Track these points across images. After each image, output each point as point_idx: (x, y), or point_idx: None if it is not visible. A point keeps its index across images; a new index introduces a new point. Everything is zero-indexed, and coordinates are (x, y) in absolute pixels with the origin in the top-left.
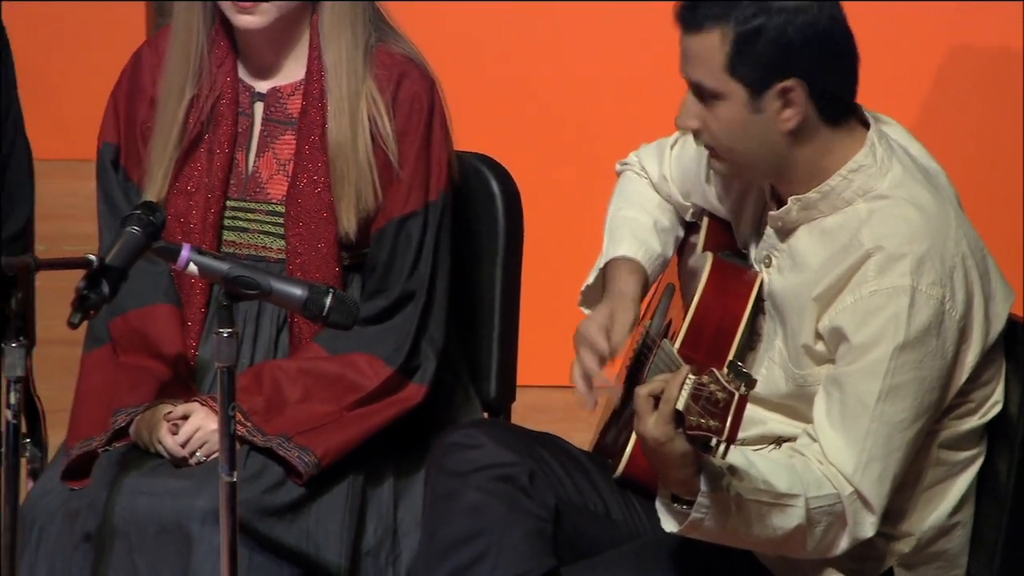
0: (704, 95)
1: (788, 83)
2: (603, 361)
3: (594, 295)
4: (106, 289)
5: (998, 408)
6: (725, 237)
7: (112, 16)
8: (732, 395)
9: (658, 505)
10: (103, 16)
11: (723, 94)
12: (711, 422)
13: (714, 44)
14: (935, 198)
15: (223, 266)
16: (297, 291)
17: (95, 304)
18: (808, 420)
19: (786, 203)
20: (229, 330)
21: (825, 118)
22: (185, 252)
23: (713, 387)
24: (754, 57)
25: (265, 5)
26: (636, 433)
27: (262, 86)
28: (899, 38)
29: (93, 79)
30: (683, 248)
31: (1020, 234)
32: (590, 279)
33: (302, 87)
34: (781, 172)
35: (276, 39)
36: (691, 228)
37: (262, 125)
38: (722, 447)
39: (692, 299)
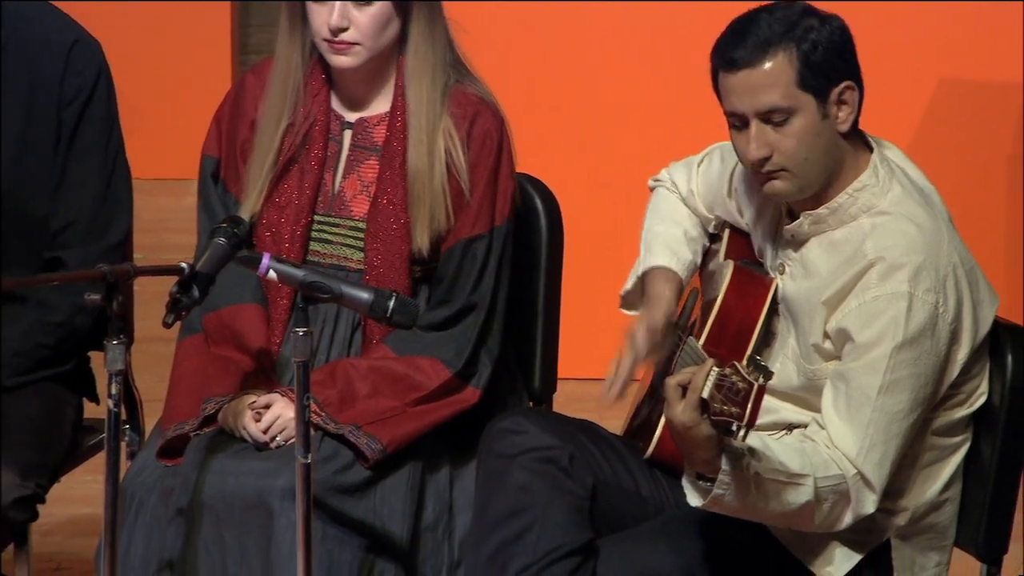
0: (775, 118)
1: (847, 83)
2: (637, 365)
3: (633, 298)
4: (196, 293)
5: (983, 399)
6: (743, 247)
7: (200, 56)
8: (752, 385)
9: (684, 482)
10: (193, 55)
11: (796, 108)
12: (733, 409)
13: (782, 67)
14: (929, 215)
15: (299, 273)
16: (364, 295)
17: (187, 306)
18: (816, 409)
19: (799, 218)
20: (305, 329)
21: (857, 118)
22: (265, 260)
23: (735, 378)
24: (819, 67)
25: (358, 48)
26: (665, 418)
27: (351, 116)
28: (894, 69)
29: (184, 109)
30: (705, 257)
31: (1003, 246)
32: (628, 285)
33: (387, 119)
34: (832, 175)
35: (366, 77)
36: (713, 238)
37: (349, 150)
38: (742, 431)
39: (715, 301)
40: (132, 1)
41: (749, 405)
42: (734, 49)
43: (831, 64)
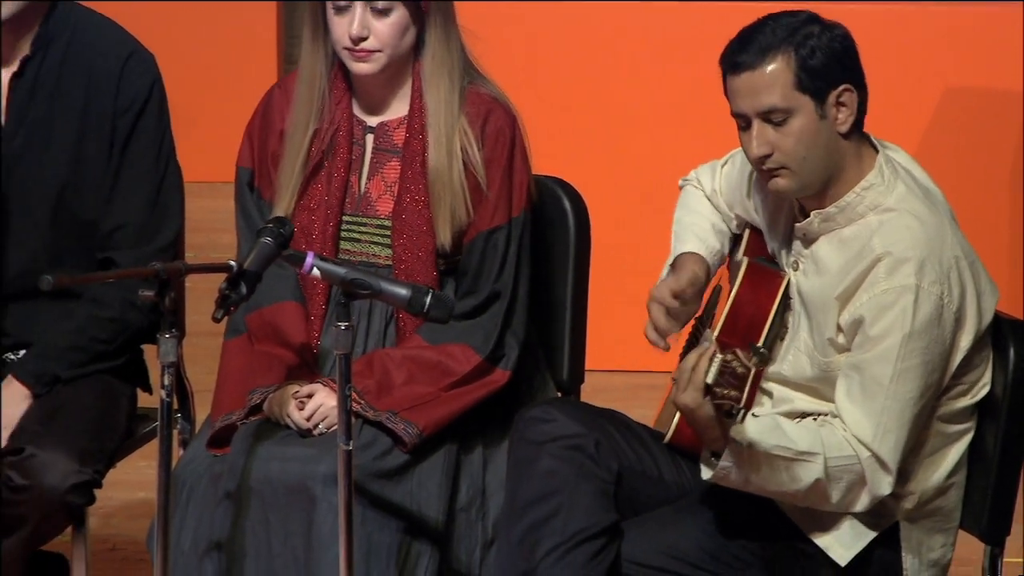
0: (775, 118)
1: (844, 86)
2: (670, 311)
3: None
4: (244, 289)
5: (987, 390)
6: (762, 245)
7: (248, 67)
8: (749, 370)
9: (701, 457)
10: (241, 66)
11: (795, 109)
12: (732, 392)
13: (781, 69)
14: (932, 211)
15: (341, 270)
16: (402, 291)
17: (235, 302)
18: (828, 399)
19: (810, 216)
20: (346, 323)
21: (860, 119)
22: (309, 259)
23: (735, 364)
24: (816, 70)
25: (378, 55)
26: (672, 401)
27: (372, 120)
28: (902, 78)
29: (232, 116)
30: (730, 254)
31: (1006, 246)
32: (663, 274)
33: (406, 122)
34: (834, 175)
35: (385, 82)
36: (735, 238)
37: (372, 153)
38: (741, 413)
39: (730, 296)
40: (184, 15)
41: (747, 389)
42: (738, 54)
43: (828, 68)
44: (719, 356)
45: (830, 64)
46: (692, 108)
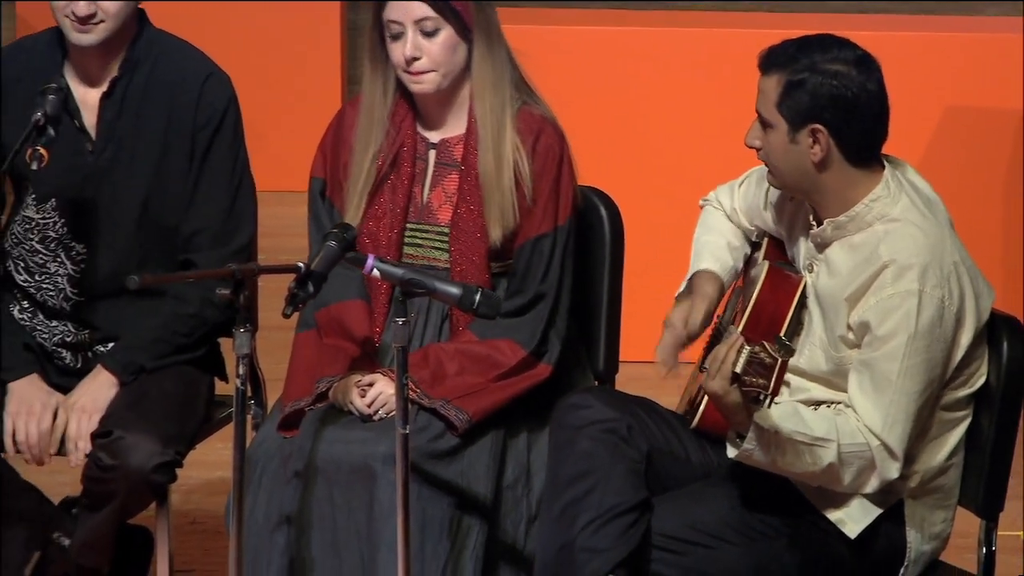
0: (763, 123)
1: (816, 126)
2: (679, 340)
3: (684, 299)
4: (311, 288)
5: (983, 380)
6: (779, 251)
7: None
8: (776, 360)
9: (727, 438)
10: (308, 87)
11: (773, 124)
12: (760, 380)
13: (773, 85)
14: (933, 222)
15: (399, 271)
16: (454, 290)
17: (303, 300)
18: (842, 389)
19: (823, 224)
20: (404, 319)
21: (847, 158)
22: (370, 261)
23: (763, 355)
24: (795, 101)
25: (433, 75)
26: (703, 388)
27: (434, 137)
28: (904, 99)
29: (300, 132)
30: (747, 263)
31: (999, 246)
32: (681, 288)
33: (464, 139)
34: (811, 193)
35: (442, 100)
36: (755, 246)
37: (434, 167)
38: (767, 400)
39: (752, 296)
40: (256, 41)
41: (774, 377)
42: (761, 54)
43: (808, 106)
44: (747, 347)
45: (809, 103)
46: (714, 126)
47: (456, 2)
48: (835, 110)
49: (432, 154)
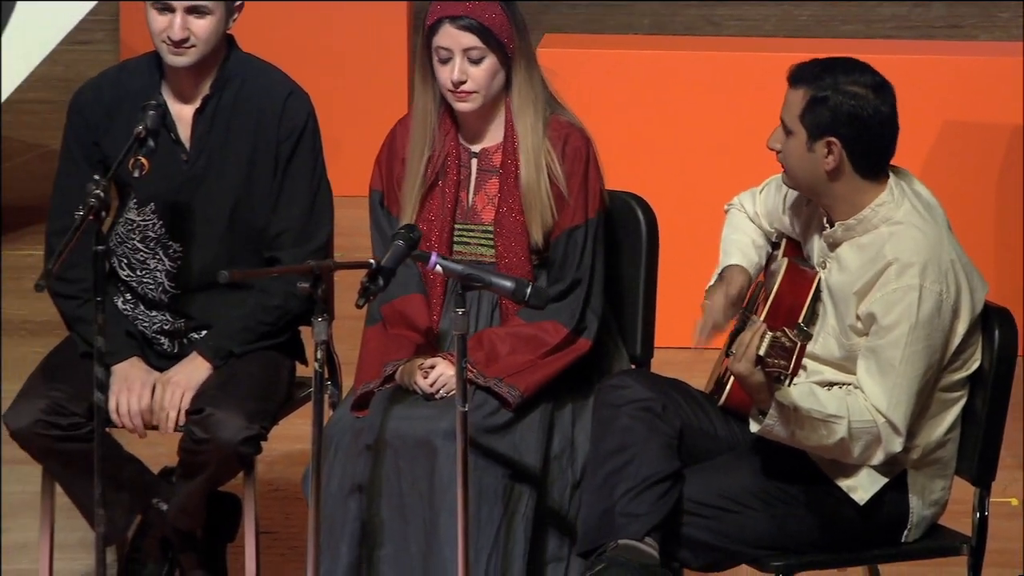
0: (785, 129)
1: (832, 139)
2: (719, 316)
3: (713, 292)
4: (381, 282)
5: (977, 363)
6: (796, 250)
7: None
8: (795, 344)
9: (751, 414)
10: (376, 102)
11: (793, 132)
12: (781, 362)
13: (798, 98)
14: (933, 223)
15: (459, 267)
16: (508, 284)
17: (373, 292)
18: (851, 372)
19: (835, 226)
20: (463, 309)
21: (857, 169)
22: (434, 258)
23: (784, 340)
24: (816, 115)
25: (476, 96)
26: (729, 369)
27: (475, 147)
28: (910, 114)
29: (369, 141)
30: (767, 262)
31: (992, 245)
32: (712, 281)
33: (502, 147)
34: (822, 196)
35: (482, 115)
36: (774, 246)
37: (476, 174)
38: (787, 379)
39: (772, 289)
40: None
41: (793, 359)
42: (791, 69)
43: (827, 121)
44: (769, 333)
45: (828, 119)
46: (739, 138)
47: (500, 34)
48: (850, 127)
49: (474, 162)
